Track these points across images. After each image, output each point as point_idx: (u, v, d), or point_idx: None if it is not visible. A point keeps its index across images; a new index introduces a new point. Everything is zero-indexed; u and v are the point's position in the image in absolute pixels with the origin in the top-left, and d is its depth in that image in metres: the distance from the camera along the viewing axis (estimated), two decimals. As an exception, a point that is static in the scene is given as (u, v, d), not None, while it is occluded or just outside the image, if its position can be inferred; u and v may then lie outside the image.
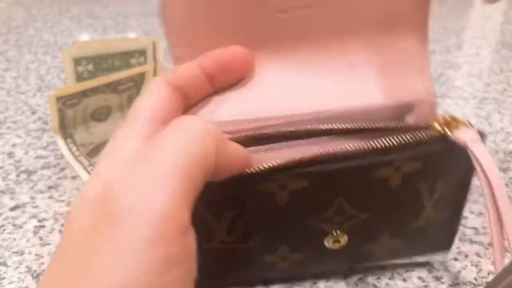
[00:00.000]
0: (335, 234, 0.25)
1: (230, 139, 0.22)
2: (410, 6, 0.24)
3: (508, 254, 0.31)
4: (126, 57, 0.47)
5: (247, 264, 0.26)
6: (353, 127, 0.23)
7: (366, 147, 0.22)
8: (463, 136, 0.22)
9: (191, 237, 0.17)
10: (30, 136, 0.47)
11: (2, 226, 0.34)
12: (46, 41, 0.76)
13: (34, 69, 0.64)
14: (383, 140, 0.22)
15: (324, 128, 0.23)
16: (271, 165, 0.21)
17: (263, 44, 0.24)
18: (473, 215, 0.35)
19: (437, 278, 0.29)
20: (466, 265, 0.30)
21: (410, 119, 0.24)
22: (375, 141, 0.22)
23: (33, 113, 0.52)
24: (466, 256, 0.31)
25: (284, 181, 0.22)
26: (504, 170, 0.41)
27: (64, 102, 0.38)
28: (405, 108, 0.24)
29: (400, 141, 0.22)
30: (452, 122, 0.23)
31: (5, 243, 0.32)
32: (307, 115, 0.23)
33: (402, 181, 0.23)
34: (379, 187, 0.23)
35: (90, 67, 0.45)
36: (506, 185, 0.39)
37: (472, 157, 0.22)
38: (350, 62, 0.24)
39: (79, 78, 0.44)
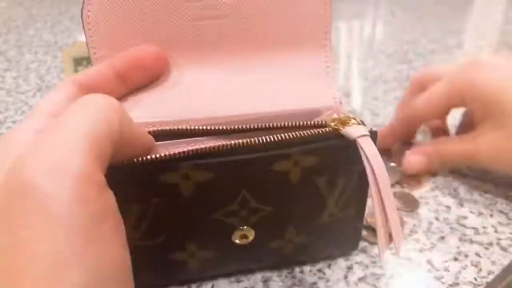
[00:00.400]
0: (242, 228, 0.25)
1: None
2: (313, 26, 0.27)
3: (508, 255, 0.31)
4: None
5: (157, 264, 0.26)
6: (257, 127, 0.24)
7: (265, 140, 0.23)
8: (353, 131, 0.24)
9: (110, 195, 0.17)
10: (30, 136, 0.47)
11: (2, 226, 0.34)
12: (46, 41, 0.76)
13: (34, 69, 0.64)
14: (281, 135, 0.23)
15: (231, 128, 0.24)
16: (170, 153, 0.22)
17: (180, 48, 0.26)
18: (473, 215, 0.35)
19: (437, 278, 0.29)
20: (466, 265, 0.30)
21: None
22: (274, 136, 0.23)
23: (33, 113, 0.52)
24: (466, 256, 0.31)
25: (187, 171, 0.22)
26: (504, 170, 0.41)
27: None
28: (313, 114, 0.26)
29: (296, 135, 0.23)
30: (346, 120, 0.25)
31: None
32: (222, 119, 0.25)
33: (302, 175, 0.24)
34: (280, 180, 0.24)
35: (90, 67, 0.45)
36: (506, 185, 0.39)
37: (360, 150, 0.23)
38: (261, 71, 0.27)
39: (79, 78, 0.44)
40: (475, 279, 0.29)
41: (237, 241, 0.26)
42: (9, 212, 0.15)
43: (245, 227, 0.26)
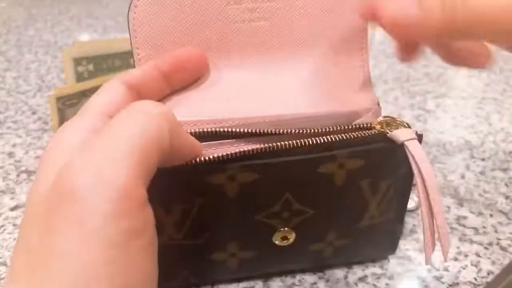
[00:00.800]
0: (283, 230, 0.26)
1: None
2: (351, 28, 0.27)
3: (508, 255, 0.31)
4: (126, 57, 0.47)
5: (197, 263, 0.27)
6: (302, 131, 0.24)
7: (310, 142, 0.23)
8: (400, 134, 0.24)
9: (149, 211, 0.17)
10: (30, 136, 0.47)
11: (2, 226, 0.34)
12: (46, 41, 0.76)
13: (34, 69, 0.64)
14: (326, 137, 0.23)
15: (273, 131, 0.24)
16: (219, 155, 0.22)
17: (220, 50, 0.26)
18: (473, 215, 0.35)
19: (437, 278, 0.29)
20: (466, 265, 0.30)
21: None
22: (320, 138, 0.23)
23: (33, 113, 0.52)
24: (466, 256, 0.31)
25: (232, 172, 0.23)
26: (504, 170, 0.41)
27: (64, 102, 0.38)
28: (352, 117, 0.26)
29: (341, 138, 0.24)
30: (392, 123, 0.25)
31: (5, 243, 0.32)
32: (260, 119, 0.25)
33: (346, 178, 0.24)
34: (325, 183, 0.24)
35: (90, 67, 0.45)
36: (506, 185, 0.39)
37: (407, 153, 0.23)
38: (301, 74, 0.27)
39: (79, 78, 0.44)
40: (475, 279, 0.29)
41: (277, 242, 0.26)
42: (52, 216, 0.16)
43: (286, 228, 0.26)
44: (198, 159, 0.22)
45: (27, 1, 1.01)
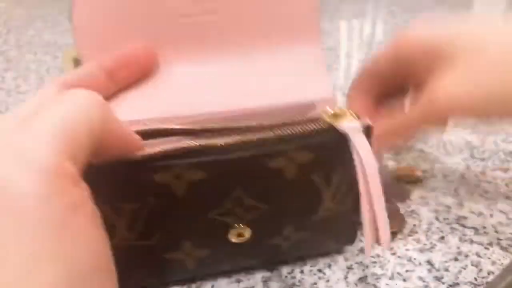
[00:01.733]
0: (237, 227, 0.25)
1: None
2: (305, 17, 0.27)
3: (508, 255, 0.31)
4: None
5: (153, 263, 0.26)
6: (251, 126, 0.24)
7: (257, 138, 0.23)
8: (346, 126, 0.24)
9: (83, 186, 0.17)
10: (30, 136, 0.47)
11: (2, 226, 0.34)
12: (46, 41, 0.76)
13: (34, 69, 0.64)
14: (275, 131, 0.23)
15: (222, 127, 0.24)
16: (162, 150, 0.22)
17: (169, 45, 0.26)
18: (473, 215, 0.35)
19: (437, 278, 0.29)
20: (466, 265, 0.30)
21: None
22: (267, 133, 0.23)
23: (33, 113, 0.52)
24: (466, 256, 0.31)
25: (178, 170, 0.22)
26: (504, 170, 0.41)
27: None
28: (307, 107, 0.26)
29: (290, 132, 0.23)
30: (340, 114, 0.24)
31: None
32: (213, 115, 0.25)
33: (297, 172, 0.24)
34: (275, 177, 0.24)
35: (90, 67, 0.45)
36: (506, 185, 0.39)
37: (351, 143, 0.23)
38: (254, 66, 0.27)
39: (79, 78, 0.44)
40: (475, 279, 0.29)
41: (233, 239, 0.26)
42: None
43: (241, 225, 0.25)
44: (136, 154, 0.21)
45: (27, 1, 1.01)
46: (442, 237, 0.33)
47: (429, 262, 0.30)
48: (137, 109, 0.25)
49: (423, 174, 0.40)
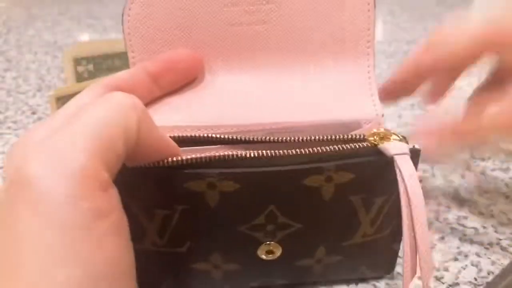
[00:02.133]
0: (268, 243, 0.24)
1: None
2: (356, 33, 0.26)
3: (508, 255, 0.31)
4: (126, 57, 0.47)
5: (180, 272, 0.26)
6: (290, 139, 0.23)
7: (295, 152, 0.22)
8: (391, 148, 0.22)
9: (114, 193, 0.17)
10: (30, 136, 0.47)
11: (2, 226, 0.34)
12: (46, 41, 0.76)
13: (34, 69, 0.64)
14: (313, 148, 0.22)
15: (263, 139, 0.23)
16: (192, 157, 0.21)
17: (217, 53, 0.25)
18: (473, 215, 0.35)
19: (437, 278, 0.29)
20: (466, 265, 0.30)
21: None
22: (306, 149, 0.22)
23: (33, 113, 0.52)
24: (466, 256, 0.31)
25: (211, 180, 0.22)
26: (504, 170, 0.41)
27: (64, 102, 0.38)
28: (352, 126, 0.25)
29: (330, 149, 0.22)
30: (386, 135, 0.23)
31: (5, 243, 0.32)
32: (255, 126, 0.24)
33: (335, 192, 0.23)
34: (312, 196, 0.23)
35: (90, 67, 0.45)
36: (506, 185, 0.39)
37: (396, 169, 0.22)
38: (300, 79, 0.26)
39: (79, 78, 0.44)
40: (475, 279, 0.29)
41: (263, 256, 0.25)
42: (13, 206, 0.15)
43: (272, 242, 0.24)
44: (170, 159, 0.21)
45: (27, 1, 1.01)
46: (442, 237, 0.33)
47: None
48: (180, 115, 0.24)
49: (423, 174, 0.40)
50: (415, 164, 0.23)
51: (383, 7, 0.95)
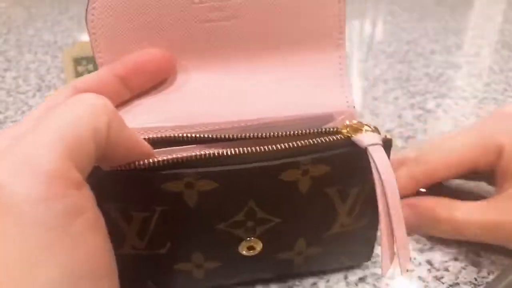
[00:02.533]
0: (249, 240, 0.25)
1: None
2: (327, 25, 0.26)
3: (509, 254, 0.31)
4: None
5: (162, 274, 0.26)
6: (265, 135, 0.23)
7: (271, 148, 0.22)
8: (364, 139, 0.23)
9: (87, 192, 0.17)
10: (30, 136, 0.47)
11: (2, 226, 0.34)
12: (46, 41, 0.76)
13: (34, 69, 0.64)
14: (288, 143, 0.22)
15: (238, 136, 0.23)
16: (168, 158, 0.21)
17: (187, 51, 0.25)
18: (473, 215, 0.35)
19: (437, 278, 0.29)
20: (466, 265, 0.30)
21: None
22: (281, 144, 0.22)
23: (33, 113, 0.52)
24: (466, 256, 0.31)
25: (189, 180, 0.22)
26: (504, 170, 0.41)
27: (64, 102, 0.38)
28: (325, 119, 0.25)
29: (305, 143, 0.23)
30: (359, 127, 0.24)
31: (5, 243, 0.32)
32: (229, 124, 0.24)
33: (312, 185, 0.23)
34: (289, 191, 0.23)
35: (90, 67, 0.45)
36: (506, 185, 0.39)
37: (370, 158, 0.22)
38: (272, 74, 0.26)
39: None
40: (475, 279, 0.29)
41: (244, 252, 0.25)
42: None
43: (252, 238, 0.25)
44: (145, 161, 0.21)
45: (27, 1, 1.01)
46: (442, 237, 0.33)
47: (429, 262, 0.30)
48: (151, 116, 0.24)
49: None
50: (388, 154, 0.23)
51: (383, 7, 0.95)
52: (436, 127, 0.49)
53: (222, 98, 0.25)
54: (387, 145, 0.23)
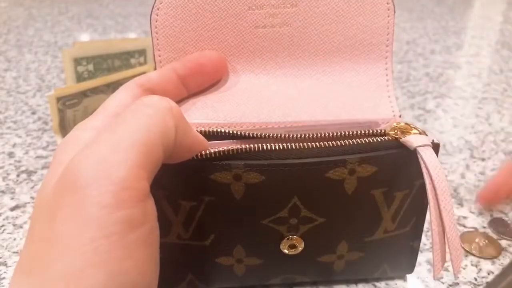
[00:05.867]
0: (290, 238, 0.25)
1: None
2: (375, 36, 0.27)
3: (508, 255, 0.31)
4: (126, 57, 0.47)
5: (203, 266, 0.26)
6: (313, 135, 0.24)
7: (319, 145, 0.23)
8: (413, 140, 0.23)
9: (150, 204, 0.18)
10: (30, 136, 0.47)
11: (2, 226, 0.34)
12: (46, 41, 0.76)
13: (34, 69, 0.64)
14: (336, 142, 0.23)
15: (285, 136, 0.24)
16: (220, 149, 0.22)
17: (239, 53, 0.26)
18: (473, 215, 0.35)
19: (437, 278, 0.29)
20: (466, 265, 0.30)
21: None
22: (329, 142, 0.23)
23: (33, 113, 0.52)
24: (466, 256, 0.31)
25: (237, 171, 0.22)
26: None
27: (64, 102, 0.38)
28: (371, 126, 0.25)
29: (352, 143, 0.23)
30: (406, 129, 0.24)
31: (5, 243, 0.32)
32: (276, 124, 0.25)
33: (358, 185, 0.23)
34: (334, 190, 0.23)
35: (90, 67, 0.45)
36: (506, 185, 0.39)
37: (420, 160, 0.22)
38: (319, 81, 0.27)
39: (79, 78, 0.44)
40: (475, 279, 0.29)
41: (285, 250, 0.25)
42: (56, 205, 0.16)
43: (294, 236, 0.25)
44: (201, 153, 0.22)
45: (27, 1, 1.01)
46: (442, 237, 0.33)
47: (429, 262, 0.30)
48: (204, 114, 0.25)
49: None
50: (436, 154, 0.23)
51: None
52: (436, 127, 0.49)
53: (271, 100, 0.26)
54: (435, 148, 0.23)
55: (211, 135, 0.24)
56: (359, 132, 0.24)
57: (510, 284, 0.28)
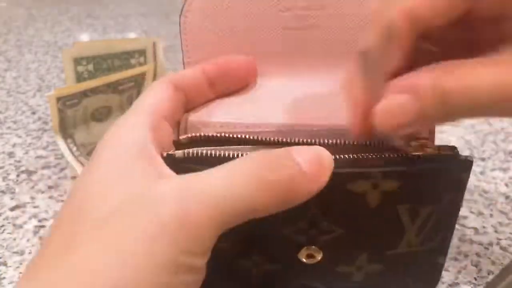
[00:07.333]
0: (309, 247, 0.24)
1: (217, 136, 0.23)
2: None
3: (508, 255, 0.31)
4: (126, 57, 0.47)
5: (222, 267, 0.25)
6: (336, 143, 0.23)
7: (342, 157, 0.22)
8: (439, 156, 0.22)
9: (203, 273, 0.20)
10: (30, 136, 0.47)
11: (2, 226, 0.34)
12: (46, 41, 0.76)
13: (34, 69, 0.64)
14: (360, 154, 0.22)
15: (308, 141, 0.23)
16: (236, 153, 0.22)
17: (266, 55, 0.26)
18: (473, 215, 0.35)
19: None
20: (466, 265, 0.30)
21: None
22: (350, 154, 0.22)
23: (33, 113, 0.52)
24: (466, 256, 0.31)
25: None
26: (504, 170, 0.41)
27: (64, 102, 0.38)
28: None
29: (376, 156, 0.22)
30: (428, 146, 0.23)
31: (5, 243, 0.32)
32: (302, 126, 0.25)
33: (381, 200, 0.23)
34: (356, 203, 0.23)
35: (90, 67, 0.45)
36: (506, 185, 0.39)
37: (449, 177, 0.22)
38: None
39: (79, 78, 0.44)
40: (475, 279, 0.29)
41: (303, 259, 0.25)
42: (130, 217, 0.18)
43: (313, 246, 0.24)
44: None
45: (27, 1, 1.01)
46: (442, 237, 0.33)
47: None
48: (230, 114, 0.25)
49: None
50: (467, 174, 0.23)
51: (383, 7, 0.95)
52: (435, 126, 0.49)
53: (297, 102, 0.26)
54: (467, 163, 0.23)
55: (234, 141, 0.23)
56: (383, 145, 0.23)
57: (510, 284, 0.28)
